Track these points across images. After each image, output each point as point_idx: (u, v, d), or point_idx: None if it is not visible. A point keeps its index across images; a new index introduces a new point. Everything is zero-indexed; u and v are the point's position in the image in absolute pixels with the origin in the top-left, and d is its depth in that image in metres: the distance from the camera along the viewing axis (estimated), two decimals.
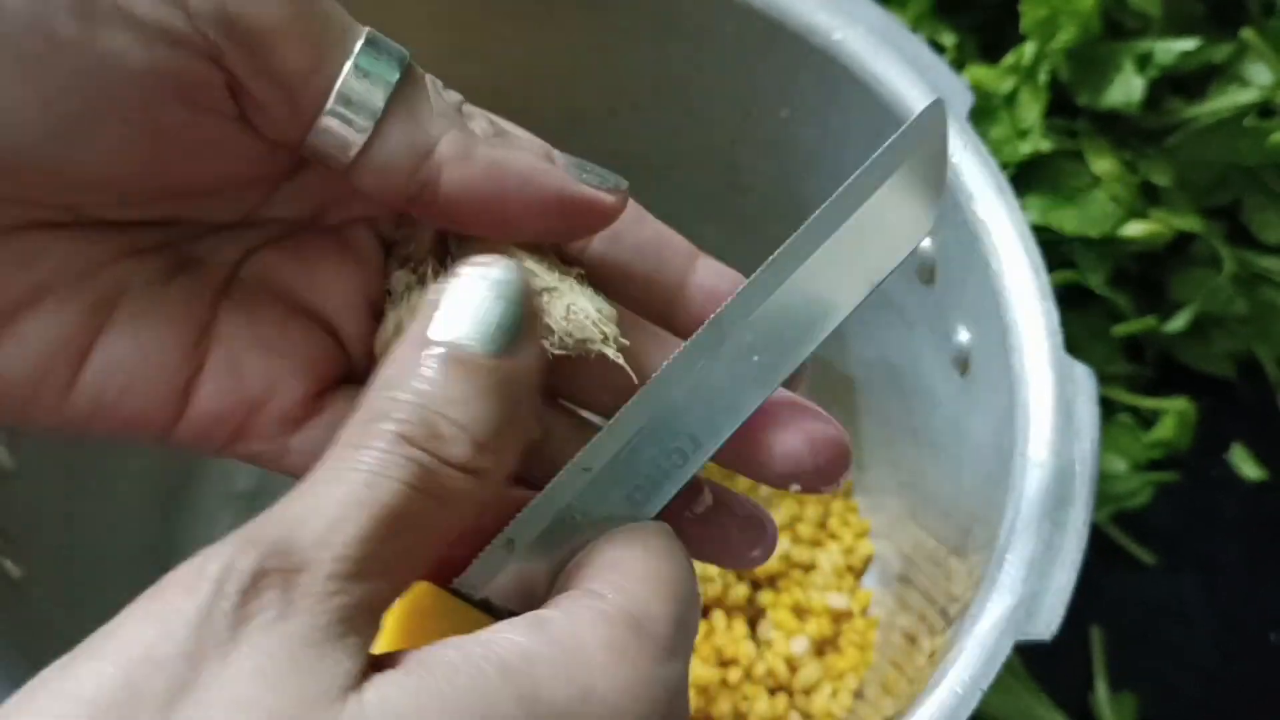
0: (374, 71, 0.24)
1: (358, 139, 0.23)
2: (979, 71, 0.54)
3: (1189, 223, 0.55)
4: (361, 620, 0.20)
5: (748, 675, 0.49)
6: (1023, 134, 0.53)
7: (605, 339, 0.25)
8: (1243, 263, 0.58)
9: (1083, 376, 0.40)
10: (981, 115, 0.53)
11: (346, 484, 0.20)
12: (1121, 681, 0.54)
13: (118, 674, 0.18)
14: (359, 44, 0.24)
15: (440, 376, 0.21)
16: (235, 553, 0.19)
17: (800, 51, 0.45)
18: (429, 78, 0.25)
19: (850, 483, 0.55)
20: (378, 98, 0.23)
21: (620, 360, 0.25)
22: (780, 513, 0.53)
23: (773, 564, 0.51)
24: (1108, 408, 0.57)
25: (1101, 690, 0.53)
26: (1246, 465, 0.59)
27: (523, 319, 0.22)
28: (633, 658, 0.21)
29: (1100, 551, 0.56)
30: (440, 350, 0.22)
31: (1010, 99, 0.53)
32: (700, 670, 0.48)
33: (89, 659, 0.18)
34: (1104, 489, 0.56)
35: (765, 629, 0.50)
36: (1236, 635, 0.56)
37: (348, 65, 0.23)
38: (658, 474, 0.25)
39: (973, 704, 0.36)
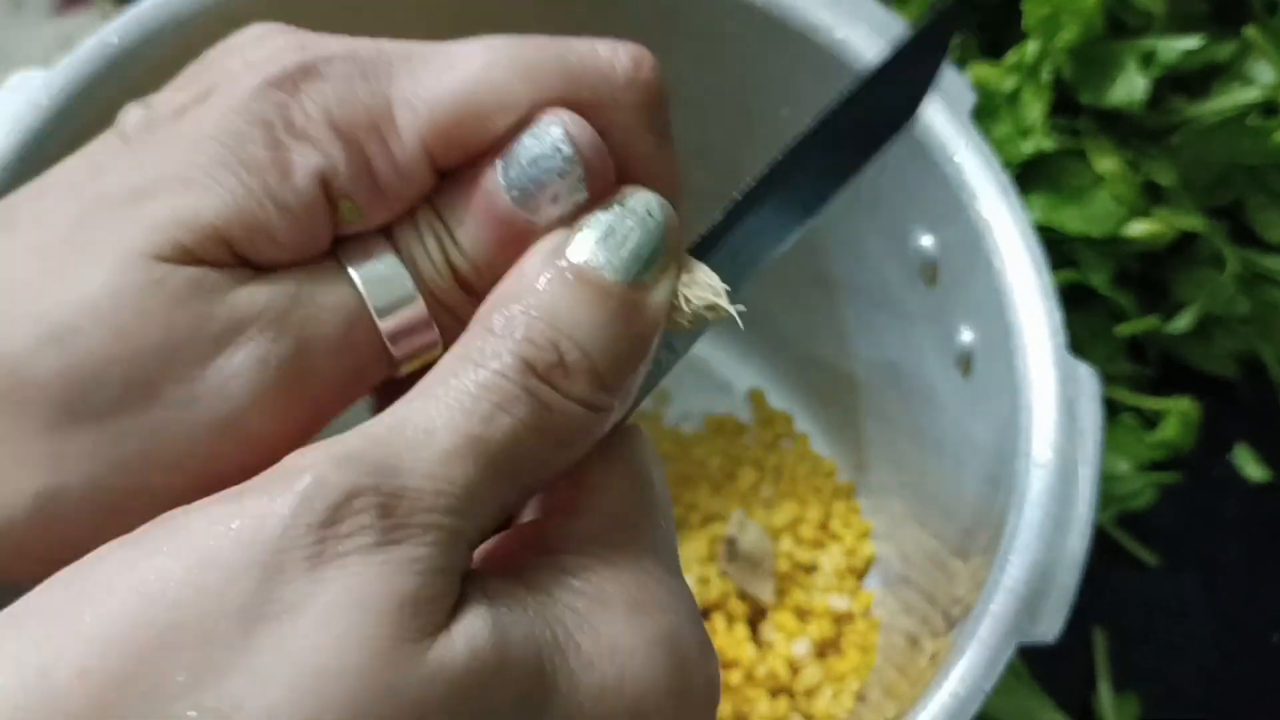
0: (385, 290, 0.22)
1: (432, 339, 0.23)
2: (981, 70, 0.54)
3: (1192, 222, 0.55)
4: (458, 556, 0.19)
5: (749, 677, 0.49)
6: (1025, 133, 0.53)
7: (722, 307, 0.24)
8: (1246, 262, 0.58)
9: (1086, 377, 0.40)
10: (984, 114, 0.53)
11: (460, 410, 0.19)
12: (1124, 682, 0.54)
13: (186, 575, 0.17)
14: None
15: (569, 294, 0.20)
16: (328, 466, 0.18)
17: (801, 50, 0.45)
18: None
19: (852, 484, 0.55)
20: (418, 307, 0.22)
21: (739, 320, 0.24)
22: (782, 514, 0.53)
23: (775, 565, 0.51)
24: (1110, 408, 0.57)
25: (1104, 691, 0.53)
26: (1249, 466, 0.59)
27: (663, 252, 0.21)
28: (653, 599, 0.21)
29: (1102, 552, 0.56)
30: (572, 267, 0.21)
31: (1013, 98, 0.53)
32: None
33: (148, 553, 0.17)
34: (1107, 489, 0.56)
35: (766, 631, 0.50)
36: (1239, 636, 0.56)
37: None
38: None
39: (975, 706, 0.36)
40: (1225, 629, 0.56)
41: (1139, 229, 0.54)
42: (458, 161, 0.22)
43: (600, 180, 0.22)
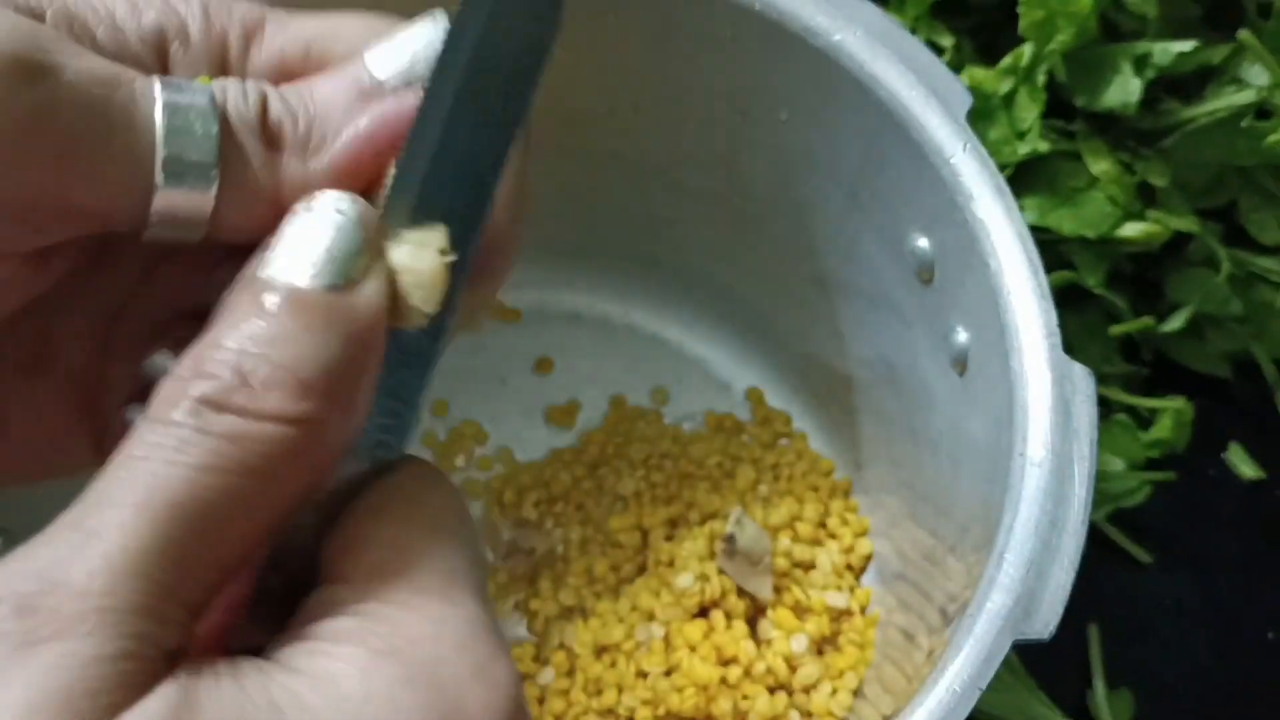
0: (189, 127, 0.21)
1: (206, 203, 0.21)
2: (977, 73, 0.54)
3: (1186, 223, 0.56)
4: (131, 641, 0.17)
5: (747, 674, 0.49)
6: (1021, 135, 0.53)
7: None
8: (1239, 263, 0.58)
9: (1080, 376, 0.40)
10: (980, 116, 0.53)
11: (134, 475, 0.18)
12: (1119, 679, 0.54)
13: None
14: (158, 111, 0.21)
15: (260, 311, 0.19)
16: None
17: (799, 53, 0.45)
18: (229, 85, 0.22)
19: (849, 481, 0.56)
20: (208, 153, 0.21)
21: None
22: (780, 512, 0.53)
23: (773, 563, 0.51)
24: (1105, 407, 0.58)
25: (1099, 688, 0.53)
26: (1243, 464, 0.59)
27: (361, 249, 0.20)
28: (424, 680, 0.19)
29: (1097, 550, 0.56)
30: (269, 289, 0.19)
31: (1008, 100, 0.53)
32: (700, 669, 0.48)
33: None
34: (1101, 488, 0.56)
35: (765, 628, 0.51)
36: (1233, 633, 0.56)
37: (159, 142, 0.20)
38: (398, 405, 0.22)
39: (971, 702, 0.36)
40: (1220, 626, 0.56)
41: (1133, 230, 0.54)
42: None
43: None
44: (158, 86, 0.21)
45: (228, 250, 0.22)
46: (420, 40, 0.22)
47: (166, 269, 0.24)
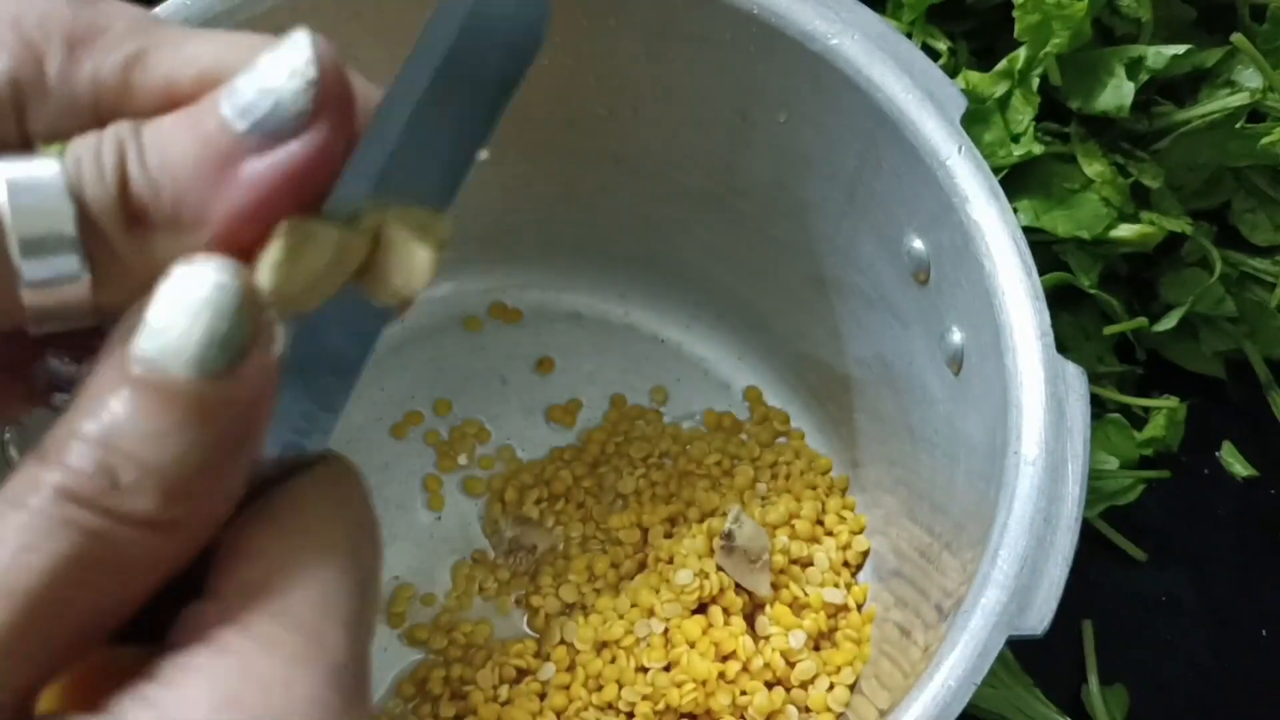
0: (40, 211, 0.18)
1: (80, 292, 0.19)
2: (972, 77, 0.54)
3: (1179, 224, 0.56)
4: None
5: (746, 669, 0.49)
6: (1015, 138, 0.53)
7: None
8: (1232, 263, 0.59)
9: (1074, 376, 0.41)
10: (975, 119, 0.53)
11: None
12: (1113, 675, 0.54)
13: None
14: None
15: (132, 406, 0.17)
16: None
17: (797, 56, 0.45)
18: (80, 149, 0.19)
19: (847, 479, 0.56)
20: (68, 238, 0.18)
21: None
22: (778, 509, 0.53)
23: (771, 560, 0.52)
24: (1099, 406, 0.58)
25: (1093, 684, 0.54)
26: (1237, 463, 0.60)
27: (246, 330, 0.17)
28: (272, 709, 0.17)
29: (1092, 547, 0.57)
30: (136, 372, 0.17)
31: (1003, 103, 0.54)
32: (699, 664, 0.49)
33: None
34: (1095, 486, 0.56)
35: (763, 624, 0.51)
36: (1227, 630, 0.56)
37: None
38: (315, 410, 0.20)
39: (966, 697, 0.36)
40: (1214, 624, 0.57)
41: (1127, 231, 0.55)
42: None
43: (334, 101, 0.19)
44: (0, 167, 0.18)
45: None
46: (280, 75, 0.18)
47: None
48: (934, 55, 0.56)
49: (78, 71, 0.19)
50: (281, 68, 0.18)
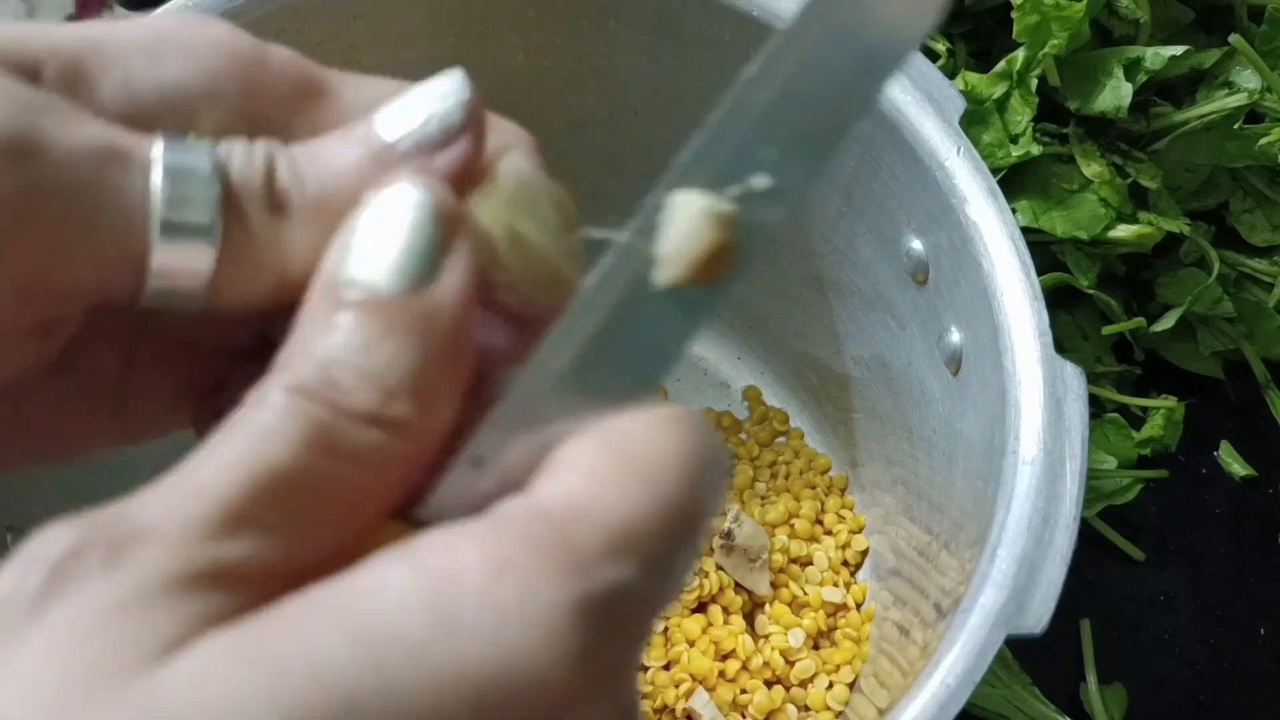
0: (187, 192, 0.20)
1: (204, 268, 0.20)
2: (971, 78, 0.54)
3: (1177, 225, 0.56)
4: (219, 583, 0.17)
5: (745, 668, 0.49)
6: (1014, 138, 0.53)
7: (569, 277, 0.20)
8: (1230, 264, 0.59)
9: (1072, 376, 0.41)
10: (973, 120, 0.53)
11: (226, 448, 0.17)
12: (1111, 674, 0.54)
13: None
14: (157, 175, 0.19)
15: (343, 322, 0.18)
16: (60, 527, 0.17)
17: None
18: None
19: (846, 478, 0.56)
20: (207, 216, 0.20)
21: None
22: (777, 509, 0.53)
23: (770, 559, 0.52)
24: (1097, 406, 0.58)
25: (1091, 682, 0.54)
26: (1234, 462, 0.60)
27: (437, 243, 0.19)
28: (519, 575, 0.17)
29: (1090, 546, 0.57)
30: (343, 292, 0.19)
31: (1001, 104, 0.54)
32: (699, 663, 0.49)
33: None
34: (1093, 486, 0.56)
35: (762, 623, 0.51)
36: (1224, 628, 0.57)
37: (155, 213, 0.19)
38: (658, 336, 0.20)
39: (965, 696, 0.36)
40: (1211, 622, 0.57)
41: (1125, 232, 0.55)
42: None
43: (476, 120, 0.21)
44: (158, 147, 0.20)
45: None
46: (434, 98, 0.21)
47: None
48: (932, 56, 0.56)
49: (247, 94, 0.21)
50: (438, 91, 0.21)
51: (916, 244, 0.45)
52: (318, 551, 0.18)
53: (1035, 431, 0.40)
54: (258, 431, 0.18)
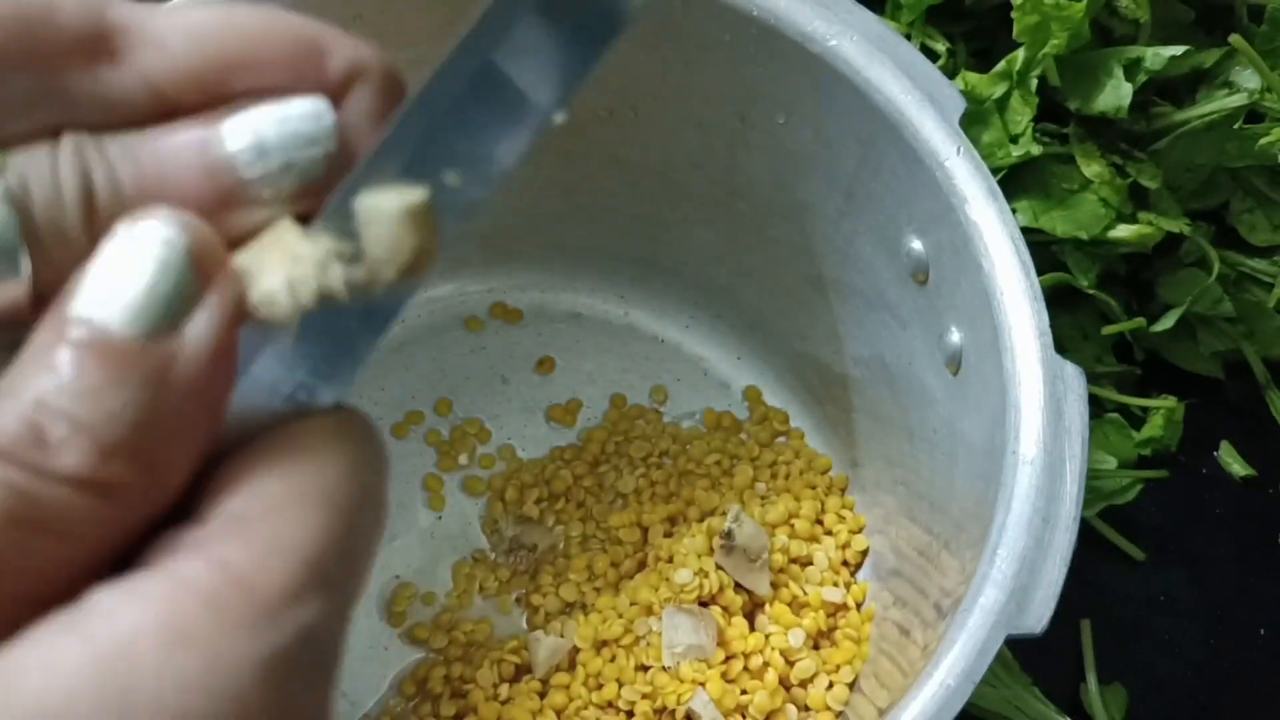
0: None
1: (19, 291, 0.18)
2: (971, 78, 0.54)
3: (1177, 225, 0.56)
4: None
5: (745, 668, 0.49)
6: (1014, 138, 0.53)
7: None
8: (1230, 264, 0.59)
9: (1072, 376, 0.41)
10: (973, 120, 0.53)
11: None
12: (1111, 674, 0.54)
13: None
14: None
15: (69, 364, 0.16)
16: None
17: (796, 58, 0.45)
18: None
19: (846, 478, 0.56)
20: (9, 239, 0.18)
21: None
22: (777, 509, 0.53)
23: (770, 559, 0.52)
24: (1097, 406, 0.58)
25: (1092, 683, 0.54)
26: (1235, 463, 0.60)
27: (186, 288, 0.17)
28: (201, 640, 0.16)
29: (1090, 547, 0.57)
30: (76, 332, 0.16)
31: (1001, 104, 0.54)
32: (698, 663, 0.49)
33: None
34: (1093, 486, 0.56)
35: (762, 623, 0.51)
36: (1225, 629, 0.57)
37: None
38: (336, 353, 0.19)
39: (965, 696, 0.37)
40: (1212, 623, 0.57)
41: (1125, 232, 0.55)
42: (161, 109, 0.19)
43: (340, 172, 0.19)
44: None
45: None
46: (298, 141, 0.18)
47: None
48: (933, 56, 0.56)
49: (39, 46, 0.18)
50: (303, 133, 0.18)
51: (917, 244, 0.45)
52: (11, 617, 0.16)
53: (1035, 432, 0.40)
54: None
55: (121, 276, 0.17)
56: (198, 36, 0.19)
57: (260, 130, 0.18)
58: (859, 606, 0.52)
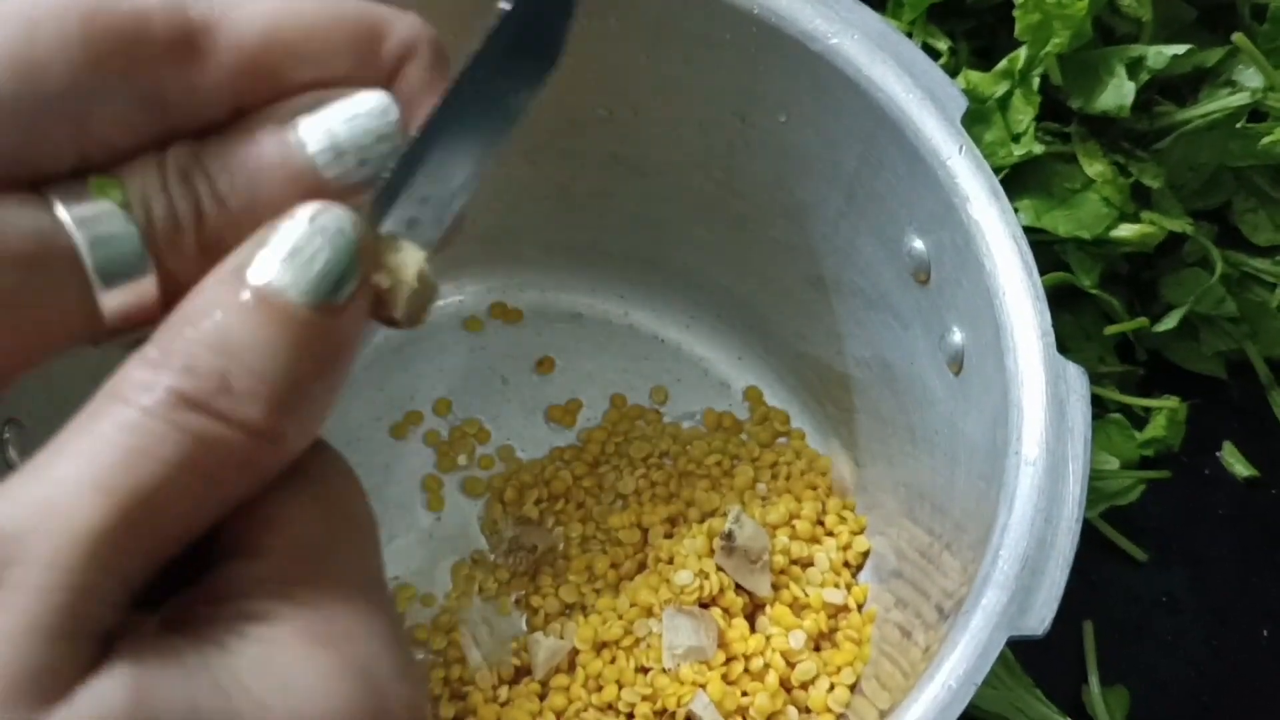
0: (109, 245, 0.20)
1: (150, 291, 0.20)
2: (973, 76, 0.54)
3: (1180, 224, 0.56)
4: (85, 619, 0.17)
5: (746, 670, 0.49)
6: (1016, 137, 0.53)
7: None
8: (1233, 263, 0.59)
9: (1075, 376, 0.41)
10: (975, 119, 0.53)
11: (93, 461, 0.17)
12: (1114, 676, 0.54)
13: None
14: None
15: (246, 319, 0.18)
16: None
17: (797, 57, 0.45)
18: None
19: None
20: (137, 262, 0.20)
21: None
22: (778, 509, 0.53)
23: (771, 560, 0.52)
24: (1099, 407, 0.58)
25: (1094, 684, 0.54)
26: (1237, 463, 0.60)
27: (355, 273, 0.19)
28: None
29: (1092, 547, 0.57)
30: (255, 293, 0.19)
31: (1004, 103, 0.54)
32: (698, 665, 0.49)
33: None
34: (1096, 486, 0.56)
35: (763, 624, 0.51)
36: (1227, 630, 0.56)
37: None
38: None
39: (966, 698, 0.36)
40: (1214, 624, 0.56)
41: (1128, 231, 0.55)
42: (238, 105, 0.21)
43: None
44: (62, 212, 0.19)
45: None
46: (370, 136, 0.21)
47: None
48: (934, 55, 0.56)
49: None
50: (373, 129, 0.21)
51: (918, 243, 0.45)
52: (158, 556, 0.18)
53: (1038, 432, 0.39)
54: (134, 442, 0.17)
55: (303, 254, 0.19)
56: (267, 30, 0.21)
57: (334, 131, 0.20)
58: (860, 608, 0.52)
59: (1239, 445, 0.60)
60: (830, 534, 0.54)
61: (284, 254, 0.19)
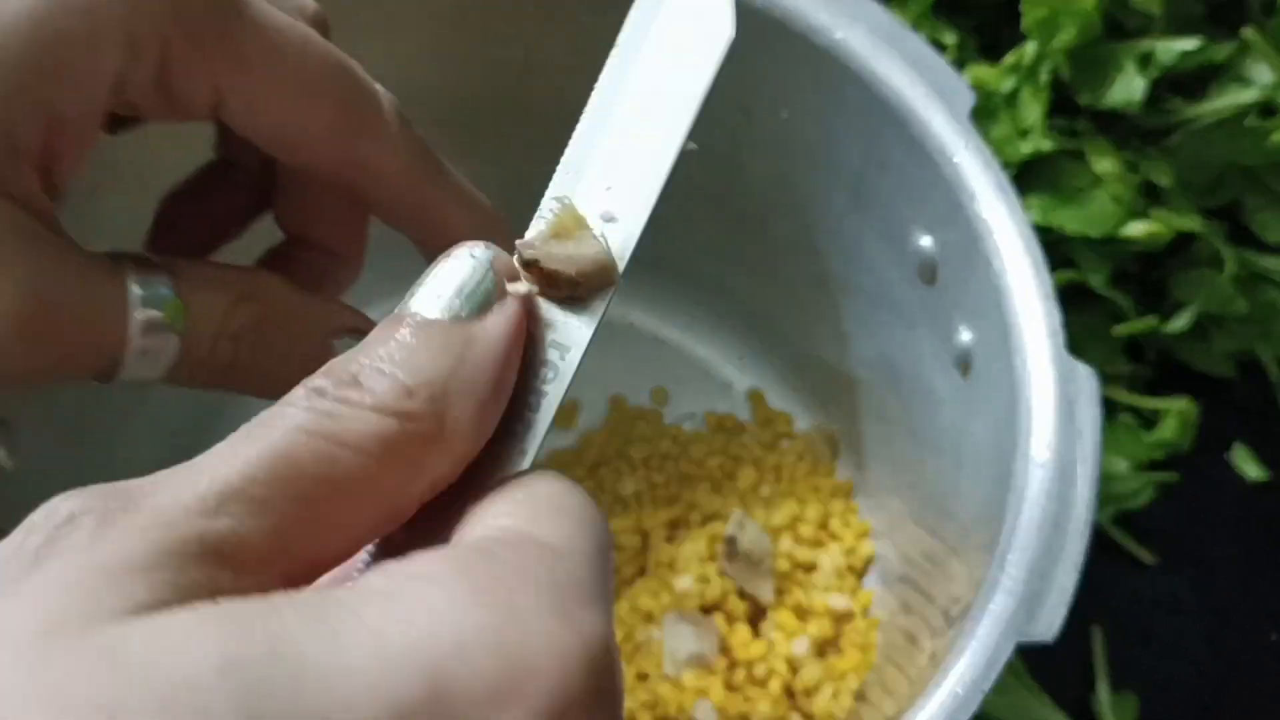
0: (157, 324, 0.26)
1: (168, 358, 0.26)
2: (980, 71, 0.54)
3: (1190, 223, 0.55)
4: (206, 557, 0.18)
5: (749, 676, 0.49)
6: (1024, 133, 0.53)
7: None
8: (1244, 262, 0.58)
9: (1084, 376, 0.40)
10: (983, 114, 0.53)
11: (236, 437, 0.19)
12: (1122, 681, 0.54)
13: None
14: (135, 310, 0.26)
15: (396, 339, 0.21)
16: (65, 498, 0.18)
17: (801, 51, 0.45)
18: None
19: (851, 483, 0.55)
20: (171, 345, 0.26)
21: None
22: (781, 513, 0.53)
23: (774, 565, 0.51)
24: (1109, 408, 0.57)
25: (1103, 690, 0.53)
26: (1247, 465, 0.59)
27: (489, 289, 0.22)
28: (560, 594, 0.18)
29: (1101, 551, 0.56)
30: (404, 317, 0.21)
31: (1011, 98, 0.53)
32: (701, 671, 0.48)
33: None
34: (1105, 489, 0.56)
35: (766, 630, 0.51)
36: (1237, 634, 0.56)
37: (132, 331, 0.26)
38: (531, 402, 0.23)
39: (974, 705, 0.36)
40: (1223, 627, 0.56)
41: (1137, 229, 0.54)
42: None
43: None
44: (135, 295, 0.25)
45: None
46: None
47: None
48: (941, 49, 0.55)
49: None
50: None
51: (925, 241, 0.45)
52: (317, 546, 0.19)
53: (1047, 434, 0.39)
54: (267, 421, 0.19)
55: (440, 280, 0.22)
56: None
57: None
58: (865, 613, 0.52)
59: (1250, 447, 0.59)
60: (834, 538, 0.54)
61: (429, 283, 0.22)
